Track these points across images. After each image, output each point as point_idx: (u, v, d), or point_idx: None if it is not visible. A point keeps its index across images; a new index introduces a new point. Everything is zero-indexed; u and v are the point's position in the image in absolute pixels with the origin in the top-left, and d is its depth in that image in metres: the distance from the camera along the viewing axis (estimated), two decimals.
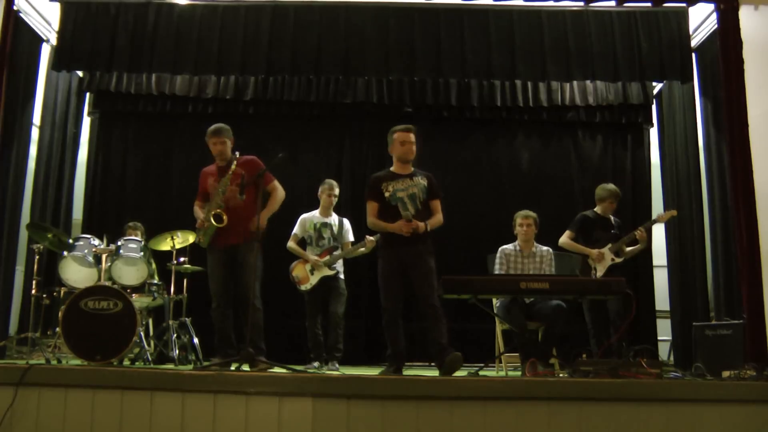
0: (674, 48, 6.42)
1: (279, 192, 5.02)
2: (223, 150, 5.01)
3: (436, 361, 4.62)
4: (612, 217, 5.92)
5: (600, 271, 5.67)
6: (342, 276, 5.93)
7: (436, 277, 4.64)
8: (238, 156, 4.95)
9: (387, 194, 4.76)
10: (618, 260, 5.71)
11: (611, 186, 5.97)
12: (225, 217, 4.78)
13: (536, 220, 5.64)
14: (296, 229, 6.00)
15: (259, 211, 4.63)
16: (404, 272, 4.68)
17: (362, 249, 5.91)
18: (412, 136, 4.86)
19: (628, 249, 5.83)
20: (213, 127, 5.07)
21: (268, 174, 4.91)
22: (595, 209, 5.94)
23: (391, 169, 4.93)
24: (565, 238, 5.82)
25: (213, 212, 4.80)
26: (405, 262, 4.67)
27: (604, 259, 5.70)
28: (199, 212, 5.06)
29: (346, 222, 6.09)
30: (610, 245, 5.71)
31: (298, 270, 5.88)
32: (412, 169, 4.90)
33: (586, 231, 5.84)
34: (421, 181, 4.84)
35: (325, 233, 5.93)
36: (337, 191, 6.05)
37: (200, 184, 5.15)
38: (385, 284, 4.70)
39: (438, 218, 4.83)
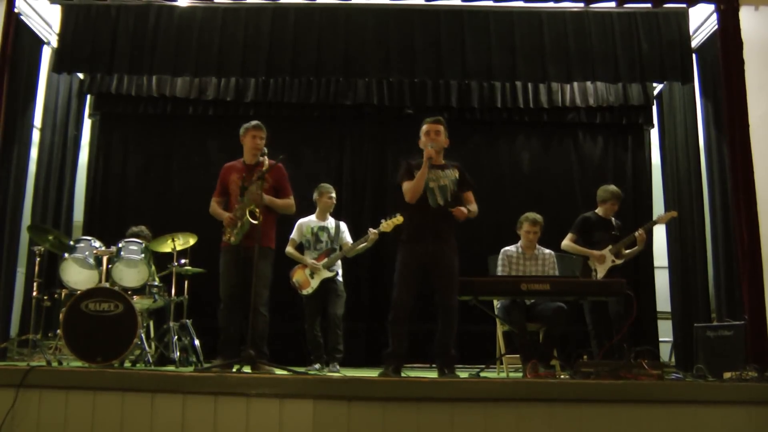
0: (675, 49, 6.42)
1: (291, 204, 5.04)
2: (262, 146, 4.98)
3: (437, 363, 4.60)
4: (613, 219, 5.92)
5: (600, 273, 5.67)
6: (340, 278, 5.93)
7: (458, 278, 4.54)
8: (268, 160, 4.89)
9: None
10: (618, 262, 5.71)
11: (612, 187, 5.96)
12: (260, 215, 4.67)
13: (542, 226, 5.63)
14: (294, 234, 6.00)
15: (260, 198, 4.64)
16: (423, 270, 4.55)
17: (364, 244, 5.89)
18: (437, 127, 4.72)
19: (627, 251, 5.82)
20: (255, 122, 5.07)
21: (289, 187, 5.01)
22: (596, 210, 5.94)
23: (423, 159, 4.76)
24: (566, 241, 5.83)
25: (249, 209, 4.67)
26: (426, 259, 4.53)
27: (604, 261, 5.70)
28: (217, 209, 5.01)
29: (343, 224, 6.09)
30: (610, 247, 5.71)
31: (298, 275, 5.88)
32: (444, 161, 4.78)
33: (586, 232, 5.83)
34: (452, 173, 4.71)
35: (322, 236, 5.93)
36: (334, 194, 6.05)
37: (221, 179, 5.07)
38: (401, 279, 4.55)
39: (472, 207, 4.72)
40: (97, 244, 5.41)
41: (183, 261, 6.02)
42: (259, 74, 6.93)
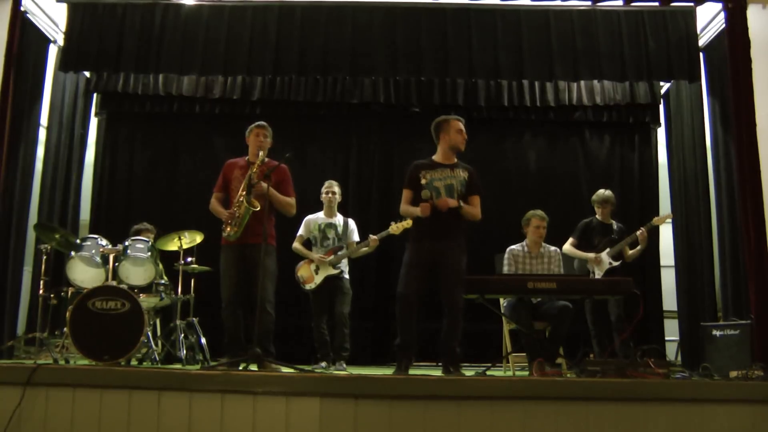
0: (682, 47, 6.40)
1: (292, 203, 5.03)
2: (265, 144, 5.00)
3: (442, 362, 4.59)
4: (614, 223, 6.00)
5: (597, 275, 5.75)
6: (347, 276, 5.93)
7: (464, 276, 4.53)
8: (266, 159, 4.91)
9: (424, 182, 4.62)
10: (615, 264, 5.80)
11: (602, 191, 6.11)
12: (257, 202, 4.69)
13: (547, 222, 5.64)
14: (301, 230, 6.01)
15: (267, 213, 4.65)
16: (430, 268, 4.54)
17: (365, 249, 5.91)
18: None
19: (631, 252, 5.90)
20: (260, 122, 5.12)
21: (291, 188, 5.02)
22: (596, 215, 6.02)
23: (433, 157, 4.76)
24: (567, 245, 5.99)
25: (246, 197, 4.69)
26: (432, 257, 4.52)
27: (601, 263, 5.77)
28: (217, 206, 5.01)
29: (351, 222, 6.09)
30: (608, 250, 5.79)
31: (303, 270, 5.89)
32: (456, 160, 4.75)
33: (587, 237, 5.98)
34: (462, 173, 4.68)
35: (329, 234, 5.94)
36: (335, 189, 6.04)
37: (223, 175, 5.09)
38: (407, 272, 4.55)
39: (475, 210, 4.67)
40: (104, 242, 5.43)
41: (189, 259, 6.03)
42: (266, 73, 6.92)
